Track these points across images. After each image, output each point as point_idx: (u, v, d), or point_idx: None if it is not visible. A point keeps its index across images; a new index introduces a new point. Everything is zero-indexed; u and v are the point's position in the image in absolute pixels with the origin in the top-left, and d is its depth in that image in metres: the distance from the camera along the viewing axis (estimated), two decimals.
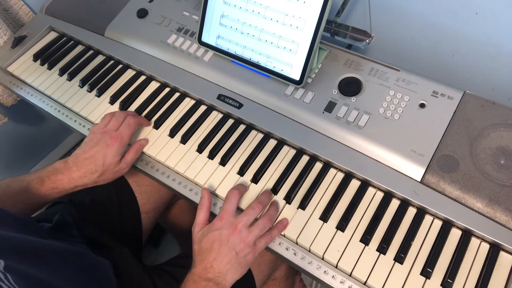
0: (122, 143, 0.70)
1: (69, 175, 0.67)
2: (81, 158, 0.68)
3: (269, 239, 0.61)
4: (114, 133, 0.70)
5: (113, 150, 0.68)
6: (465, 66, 0.82)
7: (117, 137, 0.69)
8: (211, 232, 0.59)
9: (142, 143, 0.75)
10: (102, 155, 0.68)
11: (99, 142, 0.69)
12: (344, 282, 0.58)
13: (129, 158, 0.72)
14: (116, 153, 0.69)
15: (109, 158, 0.68)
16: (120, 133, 0.70)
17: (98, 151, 0.68)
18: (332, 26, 0.81)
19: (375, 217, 0.62)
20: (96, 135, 0.70)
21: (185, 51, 0.84)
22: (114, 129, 0.71)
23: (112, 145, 0.69)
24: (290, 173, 0.68)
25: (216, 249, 0.57)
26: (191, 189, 0.71)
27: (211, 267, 0.57)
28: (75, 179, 0.67)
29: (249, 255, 0.58)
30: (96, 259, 0.63)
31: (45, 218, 0.74)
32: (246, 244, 0.58)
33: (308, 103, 0.72)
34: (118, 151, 0.69)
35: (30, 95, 0.89)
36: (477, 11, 0.73)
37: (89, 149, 0.68)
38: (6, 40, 0.97)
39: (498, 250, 0.57)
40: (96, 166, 0.68)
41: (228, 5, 0.74)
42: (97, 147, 0.68)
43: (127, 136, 0.71)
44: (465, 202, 0.59)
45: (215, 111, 0.79)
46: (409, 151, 0.64)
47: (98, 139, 0.69)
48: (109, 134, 0.70)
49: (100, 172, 0.68)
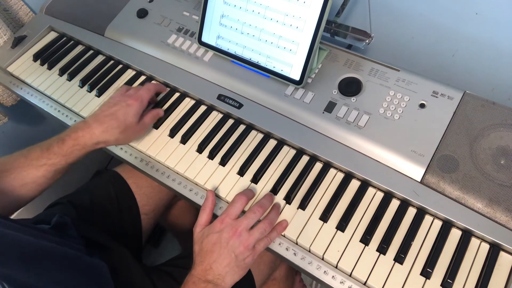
0: (142, 104, 0.72)
1: (90, 131, 0.67)
2: (101, 116, 0.68)
3: (268, 241, 0.60)
4: (134, 95, 0.72)
5: (133, 109, 0.70)
6: (465, 66, 0.81)
7: (137, 98, 0.71)
8: (211, 234, 0.59)
9: (159, 111, 0.77)
10: (123, 113, 0.69)
11: (119, 102, 0.70)
12: (344, 282, 0.58)
13: (147, 121, 0.73)
14: (136, 112, 0.70)
15: (130, 117, 0.69)
16: (140, 95, 0.72)
17: (118, 109, 0.69)
18: (332, 26, 0.81)
19: (375, 217, 0.62)
20: (114, 98, 0.72)
21: (185, 51, 0.84)
22: (133, 93, 0.72)
23: (133, 104, 0.70)
24: (290, 173, 0.68)
25: (216, 251, 0.57)
26: (191, 189, 0.71)
27: (210, 269, 0.57)
28: (97, 135, 0.67)
29: (248, 258, 0.58)
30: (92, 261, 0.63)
31: (44, 219, 0.74)
32: (245, 247, 0.57)
33: (308, 103, 0.72)
34: (138, 111, 0.71)
35: (30, 95, 0.89)
36: (477, 11, 0.73)
37: (109, 108, 0.69)
38: (6, 40, 0.97)
39: (498, 250, 0.57)
40: (118, 122, 0.68)
41: (228, 5, 0.74)
42: (117, 106, 0.69)
43: (146, 99, 0.73)
44: (465, 202, 0.59)
45: (215, 111, 0.79)
46: (409, 151, 0.64)
47: (117, 101, 0.71)
48: (129, 95, 0.71)
49: (122, 128, 0.69)
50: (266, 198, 0.64)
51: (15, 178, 0.64)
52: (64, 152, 0.66)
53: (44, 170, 0.65)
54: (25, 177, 0.65)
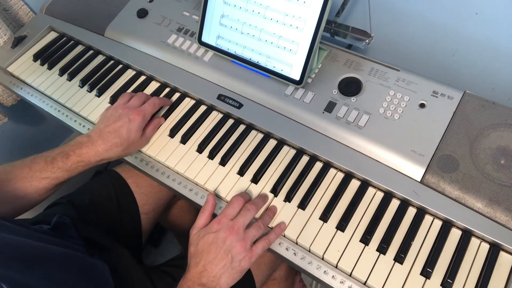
0: (144, 119, 0.72)
1: (95, 148, 0.68)
2: (105, 132, 0.69)
3: (266, 243, 0.60)
4: (137, 109, 0.71)
5: (136, 124, 0.70)
6: (465, 66, 0.81)
7: (140, 112, 0.71)
8: (208, 234, 0.58)
9: (161, 120, 0.77)
10: (126, 130, 0.69)
11: (121, 117, 0.70)
12: (344, 282, 0.58)
13: (149, 133, 0.74)
14: (139, 128, 0.71)
15: (133, 133, 0.70)
16: (143, 109, 0.72)
17: (121, 125, 0.69)
18: (332, 26, 0.81)
19: (375, 217, 0.62)
20: (117, 110, 0.71)
21: (185, 51, 0.84)
22: (136, 106, 0.72)
23: (135, 120, 0.70)
24: (290, 173, 0.68)
25: (212, 252, 0.57)
26: (191, 189, 0.71)
27: (205, 271, 0.56)
28: (101, 152, 0.68)
29: (244, 260, 0.57)
30: (92, 262, 0.63)
31: (44, 219, 0.74)
32: (242, 246, 0.57)
33: (308, 103, 0.72)
34: (141, 126, 0.71)
35: (30, 95, 0.89)
36: (477, 11, 0.73)
37: (112, 123, 0.69)
38: (6, 40, 0.97)
39: (498, 250, 0.57)
40: (122, 140, 0.69)
41: (228, 5, 0.74)
42: (121, 122, 0.69)
43: (149, 114, 0.73)
44: (465, 202, 0.59)
45: (215, 111, 0.79)
46: (409, 151, 0.64)
47: (120, 114, 0.70)
48: (131, 109, 0.71)
49: (125, 146, 0.69)
50: (259, 197, 0.64)
51: (18, 188, 0.64)
52: (68, 168, 0.67)
53: (47, 183, 0.66)
54: (28, 188, 0.65)
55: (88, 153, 0.67)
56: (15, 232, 0.56)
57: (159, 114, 0.79)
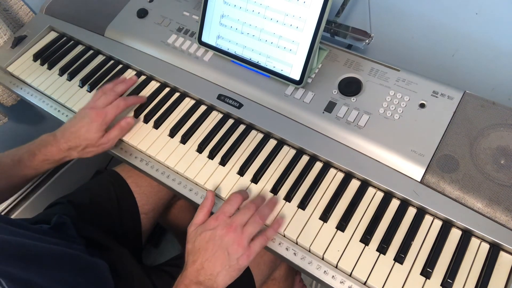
0: (105, 121, 0.72)
1: (58, 146, 0.70)
2: (68, 132, 0.71)
3: (264, 240, 0.59)
4: (100, 110, 0.72)
5: (94, 126, 0.71)
6: (465, 66, 0.81)
7: (101, 114, 0.72)
8: (205, 232, 0.58)
9: (129, 121, 0.76)
10: (85, 130, 0.71)
11: (85, 117, 0.72)
12: (344, 282, 0.58)
13: (112, 135, 0.74)
14: (97, 130, 0.71)
15: (91, 134, 0.71)
16: (105, 111, 0.72)
17: (82, 126, 0.71)
18: (332, 26, 0.81)
19: (375, 217, 0.62)
20: (85, 109, 0.73)
21: (185, 51, 0.84)
22: (102, 106, 0.73)
23: (95, 121, 0.71)
24: (290, 173, 0.68)
25: (210, 249, 0.56)
26: (191, 189, 0.71)
27: (202, 269, 0.55)
28: (63, 151, 0.71)
29: (242, 258, 0.56)
30: (92, 261, 0.63)
31: (43, 219, 0.74)
32: (239, 244, 0.56)
33: (308, 103, 0.72)
34: (100, 128, 0.72)
35: (30, 95, 0.89)
36: (477, 11, 0.73)
37: (76, 123, 0.72)
38: (6, 40, 0.97)
39: (498, 250, 0.57)
40: (80, 141, 0.71)
41: (228, 5, 0.74)
42: (82, 122, 0.71)
43: (112, 116, 0.73)
44: (465, 202, 0.59)
45: (215, 111, 0.79)
46: (409, 151, 0.64)
47: (85, 114, 0.72)
48: (95, 110, 0.72)
49: (83, 146, 0.71)
50: (259, 197, 0.64)
51: None
52: (34, 166, 0.70)
53: (17, 181, 0.70)
54: None
55: (52, 151, 0.70)
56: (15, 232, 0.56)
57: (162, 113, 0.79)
